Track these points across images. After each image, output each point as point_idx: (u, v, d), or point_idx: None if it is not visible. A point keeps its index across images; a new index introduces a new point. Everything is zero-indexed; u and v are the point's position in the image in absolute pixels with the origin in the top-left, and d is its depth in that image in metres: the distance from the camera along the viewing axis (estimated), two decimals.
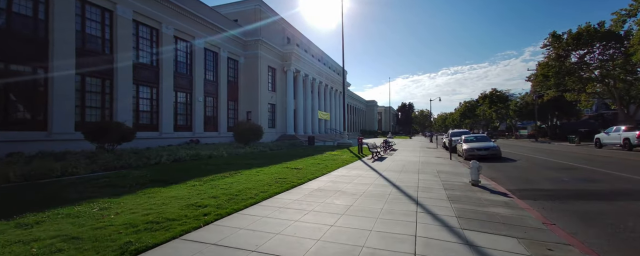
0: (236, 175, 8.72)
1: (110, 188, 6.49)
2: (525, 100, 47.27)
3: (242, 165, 11.24)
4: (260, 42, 30.34)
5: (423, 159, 14.69)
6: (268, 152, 17.61)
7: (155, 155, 11.83)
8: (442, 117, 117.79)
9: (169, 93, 21.54)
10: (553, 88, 27.78)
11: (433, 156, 16.68)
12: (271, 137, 32.45)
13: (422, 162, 13.14)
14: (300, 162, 12.66)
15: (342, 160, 13.45)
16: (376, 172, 9.91)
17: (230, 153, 15.51)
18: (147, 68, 20.28)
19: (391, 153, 18.22)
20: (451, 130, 23.72)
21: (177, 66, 22.90)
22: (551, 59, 27.44)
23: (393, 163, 12.64)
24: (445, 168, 10.94)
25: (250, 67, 30.82)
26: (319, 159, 13.88)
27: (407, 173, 9.63)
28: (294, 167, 10.62)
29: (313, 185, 7.52)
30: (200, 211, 4.65)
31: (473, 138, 17.14)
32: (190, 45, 24.13)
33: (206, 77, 26.02)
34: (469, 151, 15.02)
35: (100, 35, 17.64)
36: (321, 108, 46.54)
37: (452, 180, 8.39)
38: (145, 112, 20.18)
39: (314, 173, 9.39)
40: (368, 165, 12.10)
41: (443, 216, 4.75)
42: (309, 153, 17.35)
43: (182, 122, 23.47)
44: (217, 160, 12.97)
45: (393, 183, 7.85)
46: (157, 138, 20.50)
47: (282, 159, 13.66)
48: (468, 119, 68.99)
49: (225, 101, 28.08)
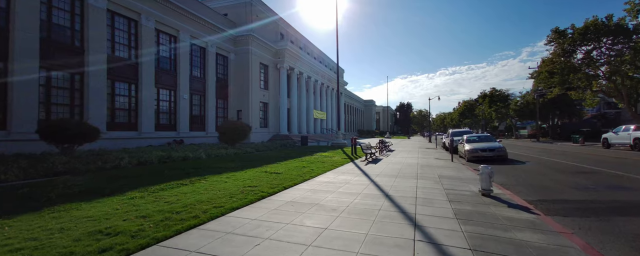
0: (198, 182, 7.29)
1: (19, 202, 5.05)
2: (526, 100, 46.02)
3: (215, 169, 9.81)
4: (251, 37, 28.88)
5: (422, 161, 13.30)
6: (253, 153, 16.18)
7: (115, 158, 10.37)
8: (440, 117, 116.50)
9: (149, 90, 20.05)
10: (558, 85, 26.42)
11: (433, 157, 15.30)
12: (263, 136, 31.00)
13: (421, 165, 11.74)
14: (283, 164, 11.24)
15: (332, 163, 12.04)
16: (367, 177, 8.50)
17: (210, 154, 14.06)
18: (124, 63, 18.78)
19: (387, 155, 16.82)
20: (451, 129, 22.32)
21: (159, 61, 21.41)
22: (556, 54, 26.12)
23: (388, 166, 11.23)
24: (448, 172, 9.54)
25: (241, 64, 29.36)
26: (306, 161, 12.46)
27: (404, 179, 8.22)
28: (273, 171, 9.19)
29: (287, 195, 6.09)
30: (102, 244, 3.22)
31: (476, 137, 15.76)
32: (175, 40, 22.65)
33: (192, 73, 24.54)
34: (472, 152, 13.64)
35: (69, 26, 16.16)
36: (317, 107, 45.12)
37: (458, 188, 6.99)
38: (122, 110, 18.68)
39: (294, 179, 7.97)
40: (360, 168, 10.69)
41: (452, 248, 3.34)
42: (297, 154, 15.94)
43: (165, 121, 21.99)
44: (189, 163, 11.53)
45: (386, 192, 6.44)
46: (136, 138, 19.02)
47: (265, 161, 12.24)
48: (467, 119, 67.74)
49: (214, 99, 26.61)
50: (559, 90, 27.75)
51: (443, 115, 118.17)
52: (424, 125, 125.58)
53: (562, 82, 26.00)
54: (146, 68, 19.79)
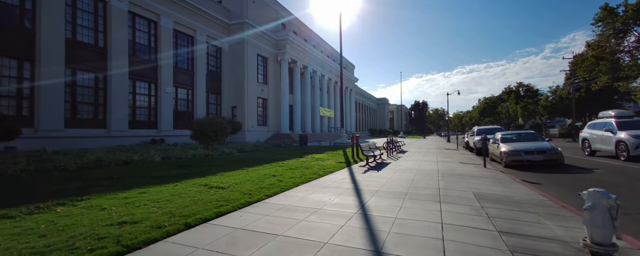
0: (73, 205, 4.26)
1: None
2: (558, 95, 41.05)
3: (139, 179, 6.81)
4: (246, 25, 25.99)
5: (443, 166, 9.85)
6: (232, 155, 13.16)
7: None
8: (458, 116, 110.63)
9: (121, 81, 17.43)
10: (606, 73, 22.06)
11: (456, 161, 11.78)
12: (261, 135, 28.08)
13: (443, 173, 8.32)
14: (248, 172, 8.11)
15: (320, 169, 8.81)
16: (357, 198, 5.23)
17: (170, 157, 11.12)
18: (88, 48, 16.21)
19: (398, 157, 13.40)
20: (477, 127, 18.46)
21: (135, 49, 18.79)
22: (604, 36, 21.81)
23: (396, 175, 7.89)
24: (487, 187, 6.13)
25: (236, 56, 26.53)
26: (286, 167, 9.29)
27: (417, 202, 4.91)
28: (218, 185, 6.07)
29: (167, 249, 2.94)
30: None
31: (514, 136, 12.10)
32: (155, 25, 20.00)
33: (178, 64, 21.87)
34: (511, 155, 10.06)
35: (17, 4, 13.68)
36: (324, 104, 41.85)
37: (523, 229, 3.61)
38: (85, 104, 16.11)
39: (237, 199, 4.83)
40: (353, 179, 7.41)
41: None
42: (285, 156, 12.80)
43: (144, 117, 19.36)
44: (119, 169, 8.61)
45: (380, 243, 3.17)
46: (103, 137, 16.42)
47: (229, 167, 9.16)
48: (488, 117, 62.60)
49: (204, 94, 23.89)
50: (606, 79, 23.34)
51: (460, 114, 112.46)
52: (441, 124, 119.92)
53: (613, 69, 21.64)
54: (116, 56, 17.16)
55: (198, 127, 13.60)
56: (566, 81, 49.11)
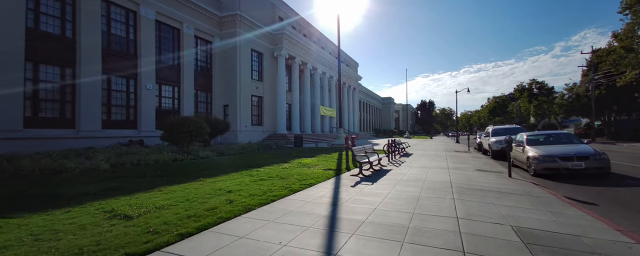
0: None
1: None
2: (575, 92, 38.41)
3: (25, 200, 4.95)
4: (238, 17, 24.16)
5: (457, 176, 7.80)
6: (204, 160, 11.29)
7: None
8: (466, 115, 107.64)
9: (93, 76, 15.70)
10: (637, 66, 19.66)
11: (472, 167, 9.70)
12: (256, 136, 26.23)
13: (459, 187, 6.29)
14: (203, 185, 6.18)
15: (298, 180, 6.86)
16: (327, 240, 3.27)
17: (125, 163, 9.27)
18: (53, 39, 14.52)
19: (400, 163, 11.36)
20: (492, 126, 16.21)
21: (110, 41, 17.04)
22: (631, 26, 19.44)
23: (394, 191, 5.89)
24: (531, 215, 4.10)
25: (228, 50, 24.71)
26: (258, 176, 7.35)
27: (426, 252, 2.92)
28: (127, 213, 4.16)
29: None
30: None
31: (543, 137, 9.95)
32: (134, 15, 18.27)
33: (161, 59, 20.11)
34: (543, 161, 7.96)
35: None
36: (326, 103, 39.86)
37: None
38: (49, 101, 14.40)
39: (126, 244, 2.91)
40: (337, 197, 5.43)
41: None
42: (268, 161, 10.87)
43: (121, 116, 17.62)
44: (19, 183, 6.77)
45: None
46: (71, 138, 14.69)
47: (187, 177, 7.25)
48: (498, 117, 59.91)
49: (192, 91, 22.12)
50: (634, 74, 20.93)
51: (468, 113, 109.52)
52: (448, 124, 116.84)
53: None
54: (86, 48, 15.42)
55: (168, 127, 11.76)
56: (583, 78, 46.41)
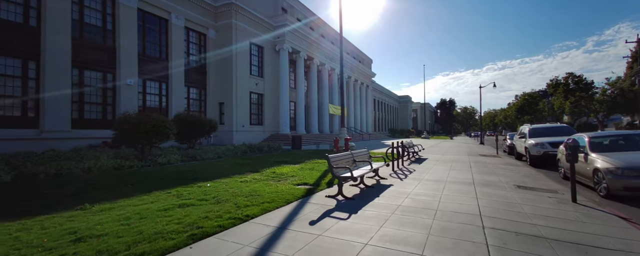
0: None
1: None
2: (618, 87, 33.68)
3: None
4: (234, 6, 22.07)
5: (488, 201, 5.07)
6: (157, 169, 9.09)
7: None
8: (490, 114, 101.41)
9: (61, 70, 13.98)
10: None
11: (507, 182, 6.86)
12: (256, 136, 24.08)
13: (496, 227, 3.59)
14: (26, 225, 3.85)
15: (240, 206, 4.39)
16: None
17: (38, 172, 7.17)
18: (13, 28, 12.86)
19: (408, 172, 8.64)
20: (528, 125, 12.85)
21: (82, 30, 15.30)
22: None
23: (376, 240, 3.29)
24: None
25: (223, 43, 22.67)
26: (184, 198, 4.95)
27: None
28: None
29: None
30: None
31: (616, 138, 6.95)
32: (113, 3, 16.49)
33: (146, 52, 18.32)
34: (626, 177, 5.09)
35: None
36: (335, 102, 37.24)
37: None
38: (6, 97, 12.74)
39: None
40: (261, 255, 2.91)
41: None
42: (239, 170, 8.52)
43: (95, 115, 15.88)
44: None
45: None
46: (33, 139, 13.02)
47: (76, 201, 4.99)
48: (527, 115, 54.87)
49: (183, 88, 20.24)
50: None
51: (492, 112, 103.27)
52: (470, 123, 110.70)
53: None
54: (55, 38, 13.74)
55: (120, 126, 9.64)
56: (628, 70, 41.05)
